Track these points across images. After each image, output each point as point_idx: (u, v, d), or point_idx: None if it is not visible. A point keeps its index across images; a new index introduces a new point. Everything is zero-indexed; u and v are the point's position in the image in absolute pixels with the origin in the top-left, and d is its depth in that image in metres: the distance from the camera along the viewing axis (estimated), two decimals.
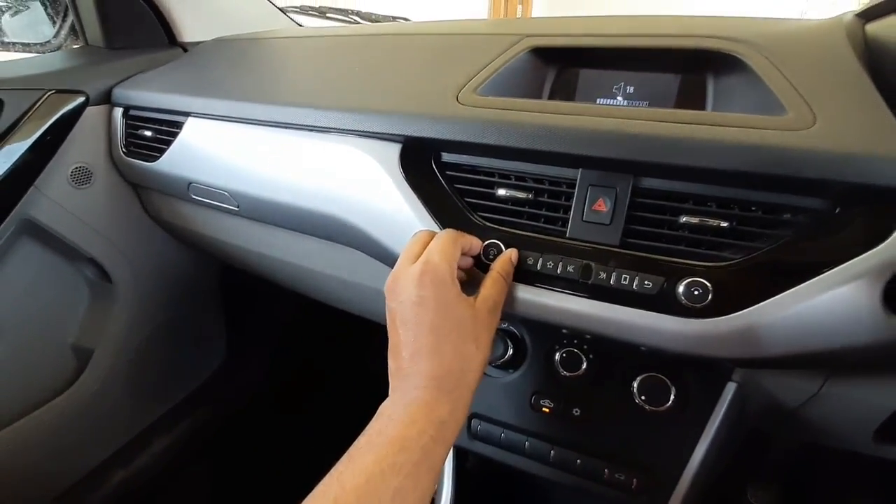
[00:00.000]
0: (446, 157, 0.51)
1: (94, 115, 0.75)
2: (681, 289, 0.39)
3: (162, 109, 0.72)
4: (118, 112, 0.77)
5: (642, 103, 0.51)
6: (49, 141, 0.70)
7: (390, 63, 0.63)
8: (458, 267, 0.43)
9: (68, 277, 0.82)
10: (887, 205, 0.35)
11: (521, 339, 0.53)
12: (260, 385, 1.19)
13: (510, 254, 0.45)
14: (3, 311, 0.74)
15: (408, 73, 0.59)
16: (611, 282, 0.41)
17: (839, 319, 0.36)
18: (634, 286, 0.41)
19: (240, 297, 1.11)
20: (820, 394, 0.45)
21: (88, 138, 0.76)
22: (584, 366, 0.49)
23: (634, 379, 0.47)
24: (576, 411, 0.51)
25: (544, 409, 0.52)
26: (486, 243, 0.46)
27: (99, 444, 0.91)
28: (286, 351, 1.28)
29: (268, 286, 0.90)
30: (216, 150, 0.66)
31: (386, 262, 0.55)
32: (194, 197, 0.72)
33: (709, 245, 0.41)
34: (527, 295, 0.45)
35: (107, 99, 0.77)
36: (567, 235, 0.44)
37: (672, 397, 0.46)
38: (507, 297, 0.44)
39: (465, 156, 0.50)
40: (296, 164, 0.58)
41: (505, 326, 0.54)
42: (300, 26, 1.07)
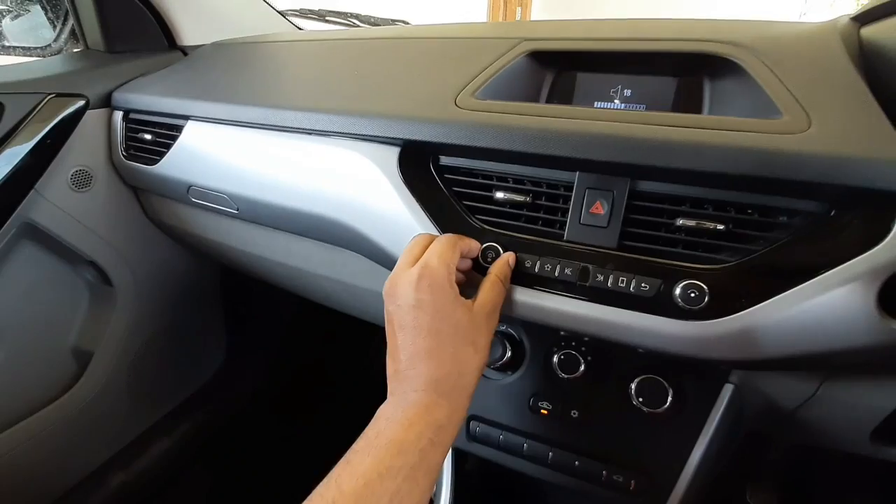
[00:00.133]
0: (444, 160, 0.51)
1: (94, 119, 0.76)
2: (677, 291, 0.39)
3: (162, 113, 0.72)
4: (118, 115, 0.77)
5: (639, 106, 0.51)
6: (49, 144, 0.71)
7: (389, 67, 0.63)
8: (457, 269, 0.43)
9: (68, 280, 0.82)
10: (882, 208, 0.35)
11: (519, 342, 0.53)
12: (259, 388, 1.19)
13: (508, 257, 0.45)
14: (3, 313, 0.74)
15: (406, 77, 0.59)
16: (608, 284, 0.42)
17: (835, 322, 0.36)
18: (632, 288, 0.41)
19: (239, 299, 1.11)
20: (817, 395, 0.45)
21: (88, 142, 0.76)
22: (582, 368, 0.49)
23: (632, 381, 0.47)
24: (574, 413, 0.51)
25: (543, 410, 0.52)
26: (484, 246, 0.46)
27: (99, 447, 0.91)
28: (285, 353, 1.28)
29: (267, 289, 0.90)
30: (216, 154, 0.66)
31: (385, 265, 0.55)
32: (194, 200, 0.72)
33: (705, 247, 0.41)
34: (525, 297, 0.45)
35: (107, 102, 0.77)
36: (565, 238, 0.45)
37: (669, 399, 0.46)
38: (505, 300, 0.44)
39: (464, 159, 0.50)
40: (295, 168, 0.59)
41: (503, 329, 0.54)
42: (300, 29, 1.07)
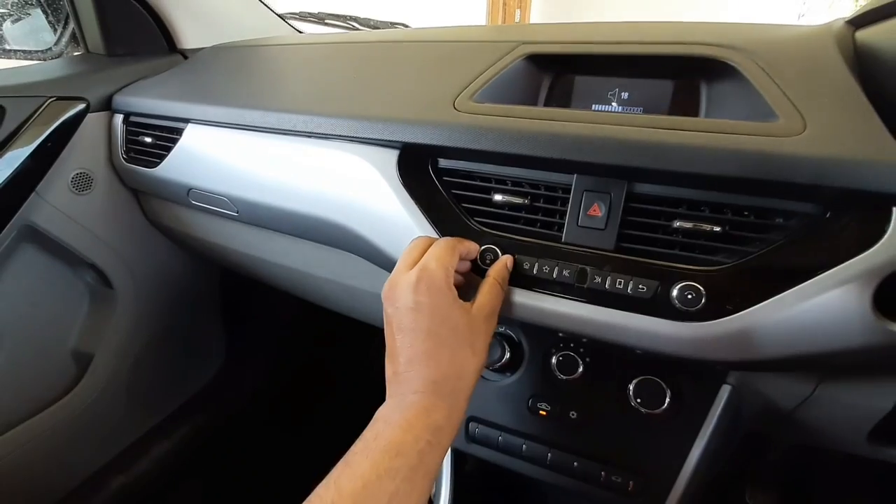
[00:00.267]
0: (443, 163, 0.51)
1: (94, 122, 0.76)
2: (675, 292, 0.40)
3: (162, 116, 0.72)
4: (118, 118, 0.77)
5: (637, 109, 0.52)
6: (50, 147, 0.71)
7: (388, 70, 0.63)
8: (456, 271, 0.43)
9: (69, 283, 0.82)
10: (877, 209, 0.36)
11: (518, 343, 0.54)
12: (259, 390, 1.20)
13: (506, 260, 0.45)
14: (3, 315, 0.75)
15: (405, 80, 0.60)
16: (606, 286, 0.42)
17: (830, 323, 0.36)
18: (629, 290, 0.41)
19: (239, 301, 1.12)
20: (814, 396, 0.46)
21: (89, 145, 0.76)
22: (581, 369, 0.50)
23: (630, 382, 0.48)
24: (572, 414, 0.51)
25: (541, 412, 0.52)
26: (483, 248, 0.46)
27: (98, 450, 0.91)
28: (285, 355, 1.28)
29: (267, 291, 0.90)
30: (216, 156, 0.66)
31: (384, 267, 0.55)
32: (194, 202, 0.72)
33: (702, 249, 0.41)
34: (523, 299, 0.45)
35: (107, 106, 0.77)
36: (563, 240, 0.45)
37: (667, 400, 0.46)
38: (504, 302, 0.45)
39: (462, 162, 0.50)
40: (295, 170, 0.59)
41: (502, 330, 0.54)
42: (299, 33, 1.08)
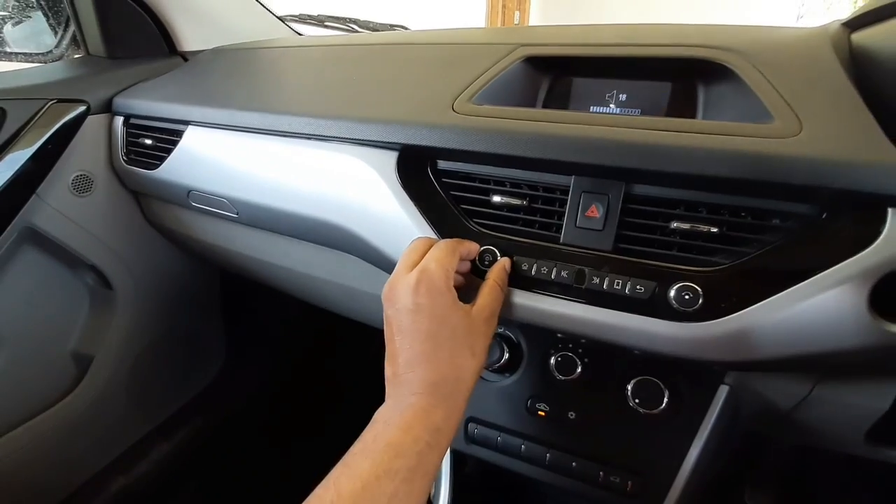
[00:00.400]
0: (442, 164, 0.51)
1: (95, 124, 0.76)
2: (672, 293, 0.40)
3: (162, 118, 0.73)
4: (119, 121, 0.77)
5: (634, 111, 0.52)
6: (50, 150, 0.71)
7: (387, 72, 0.64)
8: (456, 272, 0.43)
9: (69, 284, 0.82)
10: (872, 210, 0.36)
11: (517, 344, 0.54)
12: (259, 391, 1.20)
13: (504, 262, 0.45)
14: (4, 317, 0.75)
15: (404, 82, 0.60)
16: (604, 286, 0.42)
17: (827, 323, 0.37)
18: (627, 291, 0.41)
19: (239, 303, 1.12)
20: (811, 396, 0.46)
21: (89, 147, 0.76)
22: (579, 369, 0.50)
23: (628, 382, 0.48)
24: (571, 415, 0.51)
25: (540, 412, 0.52)
26: (482, 249, 0.46)
27: (99, 451, 0.91)
28: (285, 357, 1.28)
29: (267, 292, 0.90)
30: (216, 158, 0.67)
31: (384, 269, 0.56)
32: (194, 204, 0.73)
33: (699, 250, 0.42)
34: (522, 300, 0.45)
35: (108, 108, 0.78)
36: (561, 241, 0.45)
37: (665, 400, 0.46)
38: (503, 303, 0.45)
39: (461, 163, 0.50)
40: (294, 172, 0.59)
41: (501, 331, 0.54)
42: (299, 35, 1.08)
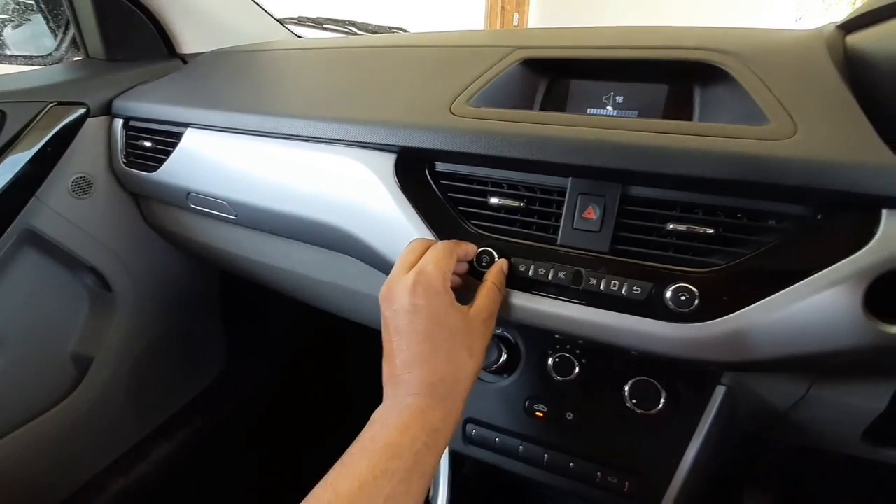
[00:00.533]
0: (440, 166, 0.52)
1: (94, 127, 0.77)
2: (668, 294, 0.40)
3: (161, 120, 0.73)
4: (118, 123, 0.78)
5: (631, 113, 0.52)
6: (50, 152, 0.71)
7: (386, 74, 0.64)
8: (454, 273, 0.44)
9: (69, 286, 0.83)
10: (867, 211, 0.36)
11: (514, 345, 0.54)
12: (258, 392, 1.20)
13: (502, 264, 0.45)
14: (4, 319, 0.75)
15: (403, 85, 0.60)
16: (601, 287, 0.42)
17: (822, 324, 0.37)
18: (623, 292, 0.41)
19: (239, 305, 1.12)
20: (807, 397, 0.46)
21: (89, 149, 0.76)
22: (577, 370, 0.50)
23: (626, 383, 0.48)
24: (569, 415, 0.51)
25: (538, 413, 0.53)
26: (480, 251, 0.47)
27: (99, 453, 0.91)
28: (285, 358, 1.28)
29: (266, 294, 0.90)
30: (215, 160, 0.67)
31: (382, 270, 0.56)
32: (193, 206, 0.73)
33: (696, 251, 0.42)
34: (520, 301, 0.46)
35: (107, 110, 0.78)
36: (558, 243, 0.45)
37: (662, 400, 0.47)
38: (500, 305, 0.45)
39: (459, 165, 0.51)
40: (293, 174, 0.59)
41: (499, 332, 0.54)
42: (298, 37, 1.08)
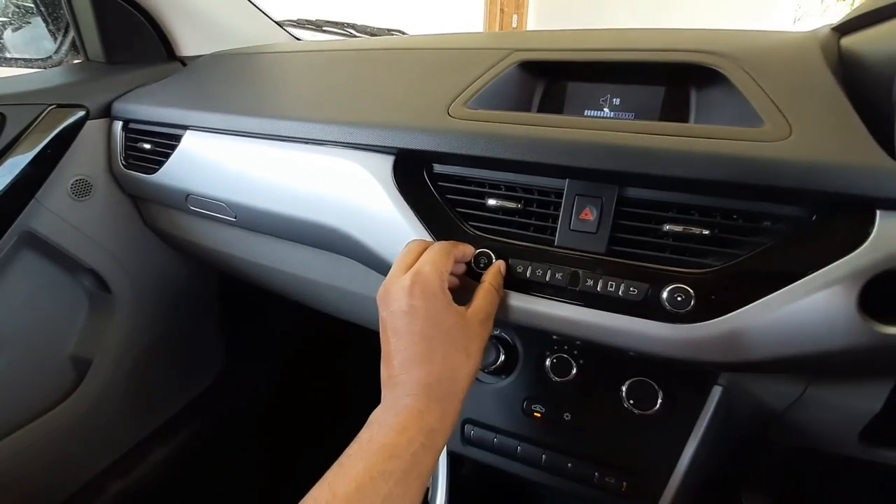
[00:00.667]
0: (438, 168, 0.52)
1: (94, 129, 0.77)
2: (665, 295, 0.40)
3: (161, 123, 0.73)
4: (118, 125, 0.78)
5: (628, 115, 0.53)
6: (50, 154, 0.71)
7: (384, 77, 0.64)
8: (452, 274, 0.44)
9: (68, 288, 0.83)
10: (861, 212, 0.36)
11: (512, 346, 0.54)
12: (257, 394, 1.20)
13: (499, 265, 0.46)
14: (3, 321, 0.75)
15: (401, 87, 0.60)
16: (597, 288, 0.43)
17: (818, 324, 0.37)
18: (620, 293, 0.42)
19: (238, 306, 1.12)
20: (804, 397, 0.46)
21: (88, 151, 0.77)
22: (574, 371, 0.50)
23: (623, 383, 0.48)
24: (566, 416, 0.52)
25: (536, 413, 0.53)
26: (477, 252, 0.47)
27: (98, 454, 0.91)
28: (283, 360, 1.28)
29: (265, 295, 0.90)
30: (214, 163, 0.67)
31: (380, 271, 0.56)
32: (192, 208, 0.73)
33: (692, 252, 0.42)
34: (517, 302, 0.46)
35: (107, 113, 0.78)
36: (555, 244, 0.46)
37: (660, 401, 0.47)
38: (498, 306, 0.45)
39: (457, 167, 0.51)
40: (292, 176, 0.60)
41: (497, 333, 0.55)
42: (297, 40, 1.09)
